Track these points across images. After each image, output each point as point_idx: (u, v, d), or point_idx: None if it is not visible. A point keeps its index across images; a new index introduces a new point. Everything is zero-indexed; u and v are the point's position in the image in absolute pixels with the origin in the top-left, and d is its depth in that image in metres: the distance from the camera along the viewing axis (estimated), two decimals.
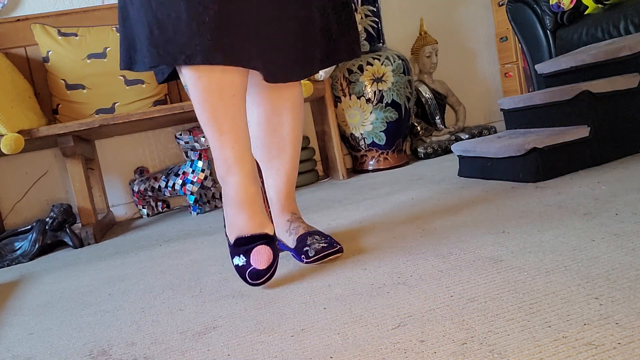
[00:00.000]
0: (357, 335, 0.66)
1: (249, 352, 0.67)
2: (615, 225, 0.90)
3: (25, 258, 1.71)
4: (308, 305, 0.80)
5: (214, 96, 0.93)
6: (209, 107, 0.94)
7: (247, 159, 0.97)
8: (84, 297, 1.10)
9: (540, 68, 1.91)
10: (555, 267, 0.76)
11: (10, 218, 2.22)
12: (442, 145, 2.41)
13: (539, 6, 2.09)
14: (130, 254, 1.49)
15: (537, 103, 1.62)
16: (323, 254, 1.01)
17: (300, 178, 2.30)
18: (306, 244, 1.04)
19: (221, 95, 0.94)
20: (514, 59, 2.71)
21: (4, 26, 2.15)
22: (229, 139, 0.95)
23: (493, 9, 2.82)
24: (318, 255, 1.01)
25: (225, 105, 0.94)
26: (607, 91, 1.46)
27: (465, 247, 0.94)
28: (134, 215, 2.37)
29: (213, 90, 0.93)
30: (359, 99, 2.24)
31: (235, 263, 0.95)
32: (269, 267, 0.92)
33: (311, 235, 1.07)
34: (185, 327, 0.81)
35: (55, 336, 0.88)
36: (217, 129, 0.95)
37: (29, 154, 2.24)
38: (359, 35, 1.15)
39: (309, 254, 1.01)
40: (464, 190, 1.47)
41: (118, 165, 2.34)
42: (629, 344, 0.52)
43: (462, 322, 0.64)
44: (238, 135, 0.96)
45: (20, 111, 1.77)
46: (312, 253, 1.01)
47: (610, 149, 1.47)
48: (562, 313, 0.61)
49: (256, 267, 0.92)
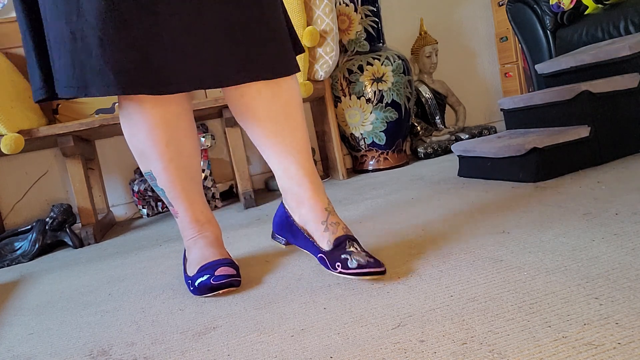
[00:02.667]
0: (357, 335, 0.66)
1: (249, 352, 0.67)
2: (615, 225, 0.90)
3: (25, 258, 1.71)
4: (308, 305, 0.80)
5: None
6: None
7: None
8: (84, 297, 1.10)
9: (540, 68, 1.91)
10: (555, 267, 0.76)
11: (10, 218, 2.22)
12: (442, 145, 2.41)
13: (539, 6, 2.09)
14: (130, 254, 1.49)
15: (537, 103, 1.62)
16: (367, 271, 0.84)
17: None
18: (345, 250, 0.88)
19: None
20: (514, 59, 2.71)
21: (4, 26, 2.15)
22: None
23: (493, 9, 2.83)
24: (361, 270, 0.84)
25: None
26: (607, 91, 1.46)
27: (465, 247, 0.94)
28: (134, 215, 2.37)
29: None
30: (359, 99, 2.24)
31: (198, 283, 0.94)
32: (234, 275, 0.94)
33: (351, 241, 0.91)
34: (185, 327, 0.81)
35: (55, 336, 0.88)
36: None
37: (29, 154, 2.24)
38: (284, 49, 0.96)
39: (349, 264, 0.85)
40: (464, 190, 1.47)
41: (118, 165, 2.34)
42: (629, 344, 0.52)
43: (462, 322, 0.64)
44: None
45: (20, 111, 1.77)
46: (353, 265, 0.85)
47: (610, 149, 1.47)
48: (562, 313, 0.61)
49: (222, 274, 0.93)
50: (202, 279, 0.94)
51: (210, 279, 0.92)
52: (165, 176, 0.98)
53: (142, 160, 0.98)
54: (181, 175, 0.99)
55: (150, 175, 0.99)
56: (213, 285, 0.92)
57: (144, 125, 0.94)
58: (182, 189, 1.00)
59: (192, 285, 0.96)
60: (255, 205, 1.96)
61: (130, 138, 0.97)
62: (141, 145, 0.96)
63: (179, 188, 1.00)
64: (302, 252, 1.12)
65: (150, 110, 0.93)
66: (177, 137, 0.97)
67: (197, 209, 1.04)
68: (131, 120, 0.95)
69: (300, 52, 1.09)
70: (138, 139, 0.96)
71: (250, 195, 1.95)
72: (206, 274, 0.94)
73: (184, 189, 1.01)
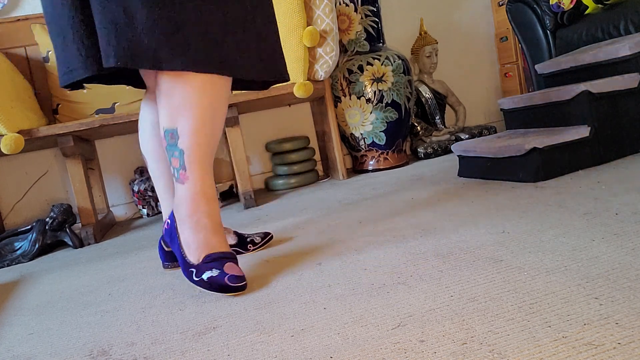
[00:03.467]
0: (357, 335, 0.66)
1: (249, 352, 0.67)
2: (615, 225, 0.90)
3: (25, 258, 1.71)
4: (308, 305, 0.80)
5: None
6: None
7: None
8: (84, 297, 1.10)
9: (540, 68, 1.91)
10: (555, 267, 0.76)
11: (10, 218, 2.22)
12: (442, 145, 2.41)
13: (539, 6, 2.09)
14: (130, 254, 1.49)
15: (537, 103, 1.62)
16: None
17: (301, 178, 2.30)
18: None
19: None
20: (514, 59, 2.71)
21: (4, 26, 2.15)
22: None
23: (493, 9, 2.83)
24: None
25: None
26: (607, 91, 1.46)
27: (465, 247, 0.93)
28: (134, 215, 2.37)
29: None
30: (359, 99, 2.24)
31: (206, 277, 0.93)
32: (243, 278, 0.93)
33: None
34: (185, 327, 0.81)
35: (55, 336, 0.88)
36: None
37: (29, 154, 2.24)
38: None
39: (255, 241, 1.23)
40: (464, 190, 1.47)
41: (118, 165, 2.35)
42: (629, 344, 0.52)
43: (462, 322, 0.64)
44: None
45: (20, 111, 1.77)
46: (257, 240, 1.24)
47: (610, 149, 1.47)
48: (562, 313, 0.61)
49: (235, 274, 0.93)
50: (213, 274, 0.93)
51: (225, 278, 0.92)
52: (193, 138, 0.97)
53: (172, 114, 0.97)
54: (207, 141, 0.99)
55: (173, 132, 0.97)
56: (229, 287, 0.91)
57: (193, 82, 0.96)
58: (203, 155, 0.99)
59: (198, 275, 0.94)
60: (256, 205, 1.96)
61: (169, 90, 0.96)
62: (180, 99, 0.96)
63: (200, 153, 0.98)
64: (302, 252, 1.12)
65: (203, 75, 0.97)
66: (216, 106, 0.99)
67: (207, 182, 1.01)
68: (177, 76, 0.95)
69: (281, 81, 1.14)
70: (180, 93, 0.96)
71: (250, 195, 1.95)
72: (215, 269, 0.93)
73: (204, 157, 0.99)
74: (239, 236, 1.24)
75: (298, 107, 2.57)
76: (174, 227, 1.03)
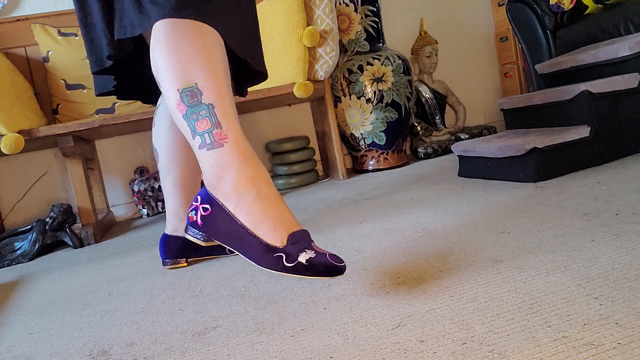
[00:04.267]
0: (357, 335, 0.66)
1: (249, 352, 0.67)
2: (615, 225, 0.90)
3: (25, 258, 1.71)
4: (308, 305, 0.80)
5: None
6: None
7: None
8: (84, 297, 1.10)
9: (540, 68, 1.91)
10: (555, 267, 0.76)
11: (10, 218, 2.22)
12: (442, 145, 2.41)
13: (539, 6, 2.10)
14: (130, 254, 1.49)
15: (537, 103, 1.62)
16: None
17: (301, 178, 2.30)
18: None
19: None
20: (514, 59, 2.71)
21: (4, 26, 2.15)
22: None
23: (493, 9, 2.83)
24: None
25: None
26: (607, 91, 1.46)
27: (465, 247, 0.93)
28: (134, 215, 2.37)
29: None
30: (359, 99, 2.24)
31: (304, 259, 0.72)
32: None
33: None
34: (185, 327, 0.81)
35: (55, 336, 0.88)
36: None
37: (29, 154, 2.24)
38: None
39: None
40: (464, 190, 1.47)
41: (118, 165, 2.35)
42: (629, 344, 0.52)
43: (462, 322, 0.64)
44: None
45: (20, 111, 1.77)
46: None
47: (610, 149, 1.47)
48: (562, 313, 0.61)
49: (330, 252, 0.78)
50: (311, 256, 0.72)
51: (327, 257, 0.73)
52: (219, 89, 0.82)
53: (186, 69, 0.82)
54: (231, 97, 0.85)
55: (192, 89, 0.81)
56: (336, 267, 0.72)
57: (206, 35, 0.85)
58: (234, 110, 0.84)
59: (291, 260, 0.73)
60: None
61: (176, 46, 0.83)
62: (192, 53, 0.83)
63: (230, 103, 0.83)
64: None
65: (211, 29, 0.86)
66: (225, 63, 0.88)
67: (243, 139, 0.82)
68: (187, 29, 0.84)
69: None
70: (192, 46, 0.83)
71: None
72: (310, 249, 0.74)
73: (235, 112, 0.84)
74: None
75: (298, 107, 2.57)
76: (221, 209, 0.79)
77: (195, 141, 0.81)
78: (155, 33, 0.85)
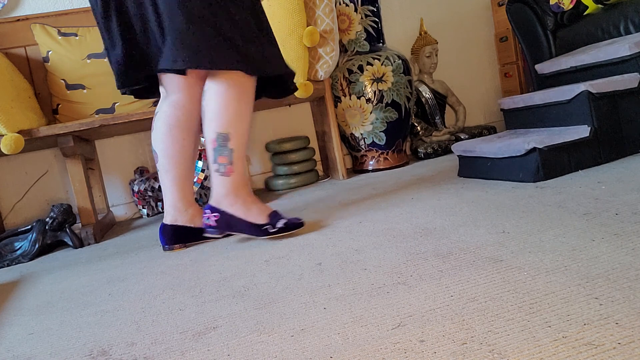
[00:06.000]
0: (357, 335, 0.66)
1: (249, 352, 0.67)
2: (615, 225, 0.90)
3: (25, 258, 1.71)
4: (308, 305, 0.80)
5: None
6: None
7: None
8: (84, 297, 1.10)
9: (540, 68, 1.91)
10: (555, 267, 0.76)
11: (10, 218, 2.22)
12: (442, 145, 2.41)
13: (539, 6, 2.10)
14: (130, 254, 1.49)
15: (537, 103, 1.62)
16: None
17: (301, 178, 2.30)
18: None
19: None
20: (514, 59, 2.71)
21: (4, 26, 2.15)
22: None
23: (493, 9, 2.83)
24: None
25: None
26: (607, 91, 1.46)
27: (465, 247, 0.94)
28: (134, 215, 2.37)
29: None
30: (359, 99, 2.24)
31: (281, 224, 1.28)
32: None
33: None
34: (185, 327, 0.81)
35: (55, 336, 0.88)
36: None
37: (29, 154, 2.24)
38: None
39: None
40: (464, 190, 1.47)
41: (118, 165, 2.35)
42: (629, 344, 0.52)
43: (462, 322, 0.64)
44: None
45: (20, 111, 1.77)
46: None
47: (610, 149, 1.47)
48: (562, 313, 0.61)
49: (292, 217, 1.34)
50: (285, 220, 1.29)
51: (292, 219, 1.31)
52: (242, 139, 1.26)
53: (230, 120, 1.23)
54: (247, 140, 1.29)
55: (225, 136, 1.23)
56: (300, 222, 1.31)
57: (251, 90, 1.28)
58: (244, 151, 1.29)
59: (274, 227, 1.27)
60: None
61: (229, 102, 1.23)
62: (236, 109, 1.24)
63: (243, 150, 1.28)
64: (302, 252, 1.12)
65: (254, 84, 1.30)
66: (250, 108, 1.30)
67: (244, 174, 1.31)
68: (245, 87, 1.26)
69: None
70: (237, 104, 1.24)
71: None
72: (281, 219, 1.29)
73: (244, 152, 1.30)
74: None
75: (298, 107, 2.57)
76: (225, 213, 1.29)
77: (213, 166, 1.27)
78: (211, 81, 1.25)
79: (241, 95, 1.24)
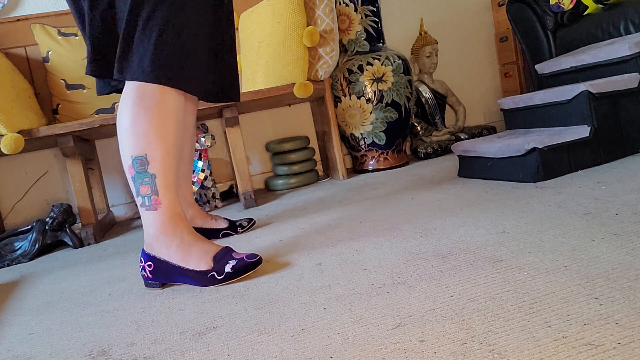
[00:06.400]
0: (357, 335, 0.66)
1: (249, 352, 0.67)
2: (615, 225, 0.90)
3: (25, 258, 1.71)
4: (308, 305, 0.80)
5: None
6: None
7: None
8: (84, 297, 1.10)
9: (540, 68, 1.91)
10: (555, 267, 0.76)
11: (10, 218, 2.22)
12: (442, 145, 2.41)
13: (539, 6, 2.10)
14: (130, 254, 1.49)
15: (537, 103, 1.62)
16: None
17: (301, 178, 2.30)
18: (235, 223, 1.47)
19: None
20: (514, 59, 2.71)
21: (4, 26, 2.15)
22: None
23: (493, 9, 2.83)
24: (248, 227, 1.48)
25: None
26: (607, 91, 1.46)
27: (465, 247, 0.94)
28: (134, 215, 2.37)
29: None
30: (359, 99, 2.24)
31: (229, 268, 0.99)
32: (254, 254, 1.05)
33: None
34: (185, 327, 0.81)
35: (55, 336, 0.88)
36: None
37: (29, 154, 2.24)
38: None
39: (243, 224, 1.48)
40: (464, 190, 1.47)
41: (118, 165, 2.34)
42: (629, 344, 0.52)
43: (462, 322, 0.64)
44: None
45: (20, 111, 1.77)
46: (245, 224, 1.49)
47: (610, 149, 1.47)
48: (562, 313, 0.61)
49: (245, 253, 1.04)
50: (233, 264, 1.00)
51: (245, 258, 1.01)
52: (164, 161, 1.01)
53: (141, 142, 1.00)
54: (175, 163, 1.04)
55: (142, 159, 1.00)
56: (254, 262, 1.01)
57: (167, 104, 1.02)
58: (174, 179, 1.04)
59: (221, 273, 0.99)
60: (255, 206, 1.96)
61: (135, 119, 1.00)
62: (147, 126, 1.00)
63: (172, 177, 1.03)
64: (303, 252, 1.12)
65: (177, 98, 1.05)
66: (183, 130, 1.13)
67: (177, 203, 1.05)
68: (152, 102, 1.01)
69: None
70: (149, 121, 1.00)
71: (250, 196, 1.95)
72: (230, 260, 1.01)
73: (174, 179, 1.04)
74: (229, 222, 1.47)
75: (298, 107, 2.57)
76: (159, 261, 1.03)
77: (138, 200, 1.03)
78: (123, 94, 1.03)
79: (157, 109, 1.01)
